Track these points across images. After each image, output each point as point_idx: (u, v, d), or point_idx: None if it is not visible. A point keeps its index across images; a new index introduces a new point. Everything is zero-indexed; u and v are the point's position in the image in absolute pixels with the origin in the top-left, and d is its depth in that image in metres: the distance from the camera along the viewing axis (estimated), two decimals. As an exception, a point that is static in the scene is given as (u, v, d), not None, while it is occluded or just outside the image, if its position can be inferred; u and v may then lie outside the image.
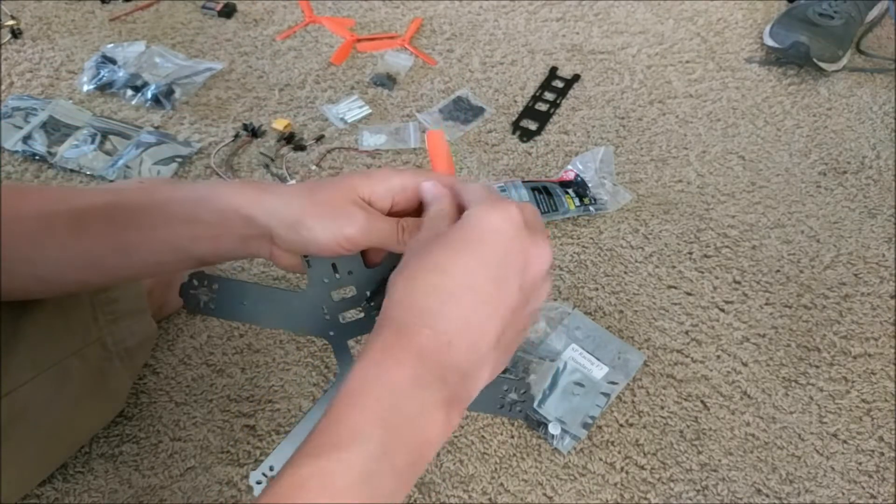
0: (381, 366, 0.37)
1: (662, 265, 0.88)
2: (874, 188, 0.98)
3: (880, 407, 0.76)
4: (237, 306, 0.49)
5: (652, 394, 0.76)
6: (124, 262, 0.49)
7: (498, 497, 0.68)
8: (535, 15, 1.22)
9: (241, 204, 0.46)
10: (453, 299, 0.38)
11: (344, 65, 1.11)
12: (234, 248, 0.47)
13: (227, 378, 0.75)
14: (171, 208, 0.47)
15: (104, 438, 0.70)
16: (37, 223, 0.48)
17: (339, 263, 0.48)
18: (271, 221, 0.46)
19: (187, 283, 0.48)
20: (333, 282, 0.49)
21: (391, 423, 0.36)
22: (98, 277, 0.52)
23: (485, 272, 0.39)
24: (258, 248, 0.47)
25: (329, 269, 0.48)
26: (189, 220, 0.47)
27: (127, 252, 0.48)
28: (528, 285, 0.41)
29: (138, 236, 0.47)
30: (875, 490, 0.70)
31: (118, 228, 0.47)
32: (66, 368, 0.59)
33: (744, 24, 1.22)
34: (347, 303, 0.50)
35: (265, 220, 0.46)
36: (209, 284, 0.48)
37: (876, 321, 0.83)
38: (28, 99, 1.01)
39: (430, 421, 0.37)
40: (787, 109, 1.08)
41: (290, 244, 0.46)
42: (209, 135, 1.00)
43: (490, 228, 0.40)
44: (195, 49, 1.13)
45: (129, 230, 0.47)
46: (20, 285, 0.50)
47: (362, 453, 0.35)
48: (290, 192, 0.46)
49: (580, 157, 0.94)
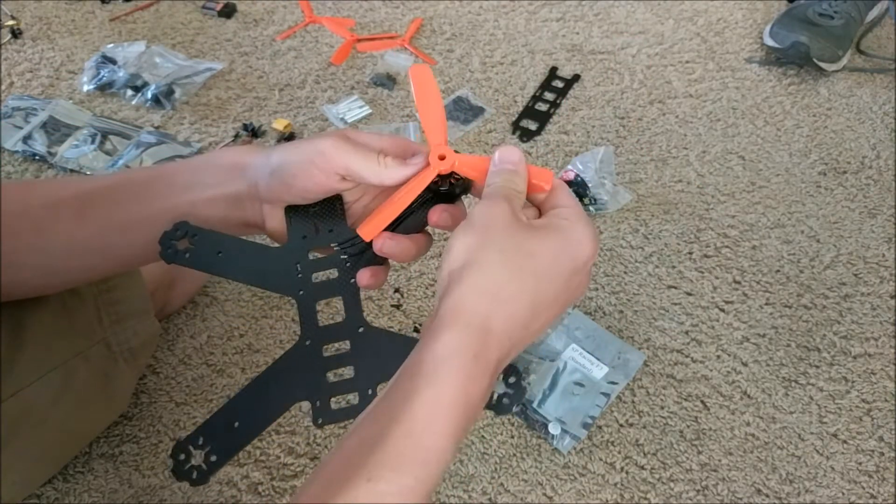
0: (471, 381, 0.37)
1: (662, 265, 0.88)
2: (874, 188, 0.98)
3: (880, 407, 0.76)
4: (212, 257, 0.47)
5: (652, 394, 0.76)
6: (128, 240, 0.49)
7: (498, 497, 0.68)
8: (535, 15, 1.22)
9: (232, 158, 0.48)
10: (536, 312, 0.39)
11: (344, 65, 1.11)
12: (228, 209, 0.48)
13: (227, 378, 0.75)
14: (171, 178, 0.48)
15: (104, 438, 0.70)
16: (44, 211, 0.48)
17: (321, 220, 0.47)
18: (257, 171, 0.46)
19: (169, 231, 0.47)
20: (312, 238, 0.48)
21: (460, 437, 0.36)
22: (103, 262, 0.52)
23: (565, 289, 0.40)
24: (251, 212, 0.48)
25: (311, 225, 0.48)
26: (188, 187, 0.48)
27: (130, 230, 0.48)
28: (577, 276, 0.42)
29: (140, 210, 0.48)
30: (875, 490, 0.70)
31: (122, 206, 0.48)
32: (70, 369, 0.59)
33: (744, 24, 1.22)
34: (323, 263, 0.48)
35: (252, 171, 0.47)
36: (190, 234, 0.47)
37: (876, 321, 0.83)
38: (28, 99, 1.01)
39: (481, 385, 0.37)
40: (787, 109, 1.08)
41: (273, 189, 0.46)
42: (209, 135, 1.00)
43: (586, 247, 0.41)
44: (195, 49, 1.13)
45: (132, 205, 0.48)
46: (25, 278, 0.51)
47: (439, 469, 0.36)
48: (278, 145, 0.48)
49: (580, 157, 0.94)
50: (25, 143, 0.95)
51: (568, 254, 0.40)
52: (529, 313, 0.39)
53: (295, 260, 0.48)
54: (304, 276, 0.48)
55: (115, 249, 0.50)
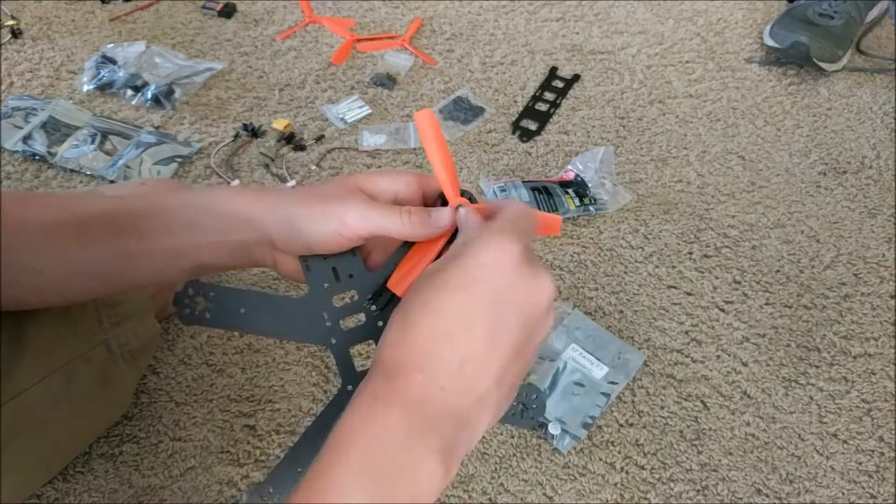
0: (367, 416, 0.35)
1: (662, 265, 0.88)
2: (874, 188, 0.98)
3: (880, 407, 0.76)
4: (235, 315, 0.47)
5: (652, 394, 0.76)
6: (126, 270, 0.48)
7: (498, 497, 0.68)
8: (535, 15, 1.22)
9: (240, 207, 0.45)
10: (447, 341, 0.36)
11: (344, 65, 1.11)
12: (236, 255, 0.47)
13: (227, 378, 0.75)
14: (172, 215, 0.46)
15: (104, 438, 0.70)
16: (41, 232, 0.47)
17: (340, 267, 0.47)
18: (269, 222, 0.45)
19: (182, 292, 0.46)
20: (334, 286, 0.47)
21: (378, 478, 0.34)
22: (100, 286, 0.51)
23: (481, 311, 0.37)
24: (261, 256, 0.47)
25: (329, 272, 0.47)
26: (190, 227, 0.46)
27: (129, 260, 0.47)
28: (530, 321, 0.38)
29: (140, 244, 0.46)
30: (875, 490, 0.70)
31: (120, 236, 0.47)
32: (71, 371, 0.59)
33: (744, 24, 1.22)
34: (349, 308, 0.48)
35: (263, 222, 0.45)
36: (205, 293, 0.46)
37: (876, 321, 0.83)
38: (28, 99, 1.01)
39: (422, 473, 0.35)
40: (787, 109, 1.08)
41: (289, 244, 0.45)
42: (209, 135, 1.00)
43: (485, 265, 0.37)
44: (195, 49, 1.13)
45: (131, 238, 0.47)
46: (21, 296, 0.50)
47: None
48: (290, 191, 0.46)
49: (580, 157, 0.94)
50: (25, 143, 0.95)
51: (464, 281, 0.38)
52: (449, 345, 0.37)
53: (321, 309, 0.47)
54: (332, 325, 0.47)
55: (113, 277, 0.49)
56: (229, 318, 0.47)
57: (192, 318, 0.46)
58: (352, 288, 0.48)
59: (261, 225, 0.45)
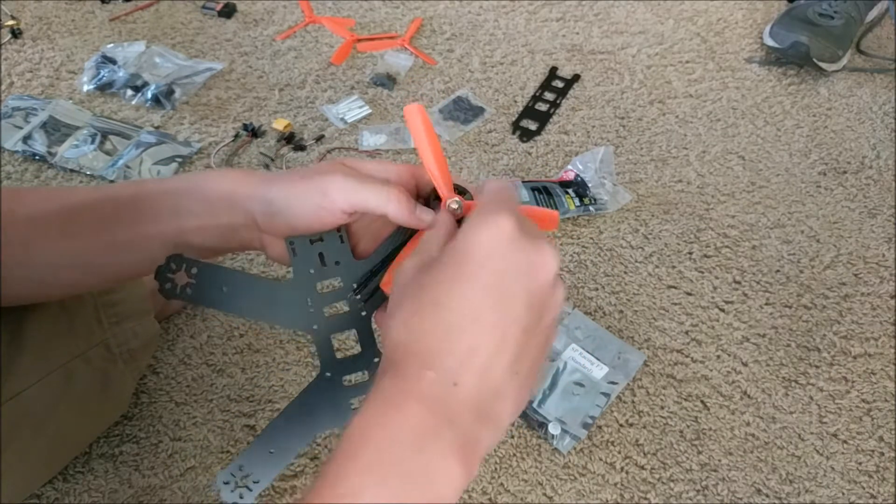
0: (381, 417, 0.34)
1: (662, 265, 0.88)
2: (874, 188, 0.98)
3: (880, 407, 0.76)
4: (217, 293, 0.45)
5: (652, 394, 0.76)
6: (115, 260, 0.48)
7: (498, 497, 0.68)
8: (535, 15, 1.22)
9: (224, 188, 0.45)
10: (455, 334, 0.35)
11: (344, 65, 1.11)
12: (223, 238, 0.46)
13: (227, 378, 0.75)
14: (157, 201, 0.46)
15: (104, 438, 0.70)
16: (30, 225, 0.47)
17: (326, 253, 0.47)
18: (253, 203, 0.45)
19: (164, 265, 0.45)
20: (319, 272, 0.47)
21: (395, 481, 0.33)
22: (91, 278, 0.51)
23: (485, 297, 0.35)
24: (249, 238, 0.47)
25: (315, 258, 0.47)
26: (176, 212, 0.46)
27: (118, 250, 0.47)
28: (537, 299, 0.36)
29: (126, 232, 0.46)
30: (875, 490, 0.70)
31: (107, 226, 0.47)
32: (70, 371, 0.59)
33: (744, 24, 1.22)
34: (333, 296, 0.47)
35: (248, 203, 0.45)
36: (188, 268, 0.45)
37: (876, 321, 0.83)
38: (28, 99, 1.01)
39: (441, 472, 0.33)
40: (787, 109, 1.08)
41: (274, 225, 0.45)
42: (209, 135, 1.00)
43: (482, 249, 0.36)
44: (195, 49, 1.13)
45: (118, 226, 0.46)
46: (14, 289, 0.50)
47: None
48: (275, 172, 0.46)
49: (580, 157, 0.94)
50: (25, 143, 0.95)
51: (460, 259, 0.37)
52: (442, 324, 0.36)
53: (305, 294, 0.47)
54: (315, 311, 0.47)
55: (103, 268, 0.49)
56: (211, 295, 0.46)
57: (172, 292, 0.45)
58: (338, 275, 0.47)
59: (245, 208, 0.45)
